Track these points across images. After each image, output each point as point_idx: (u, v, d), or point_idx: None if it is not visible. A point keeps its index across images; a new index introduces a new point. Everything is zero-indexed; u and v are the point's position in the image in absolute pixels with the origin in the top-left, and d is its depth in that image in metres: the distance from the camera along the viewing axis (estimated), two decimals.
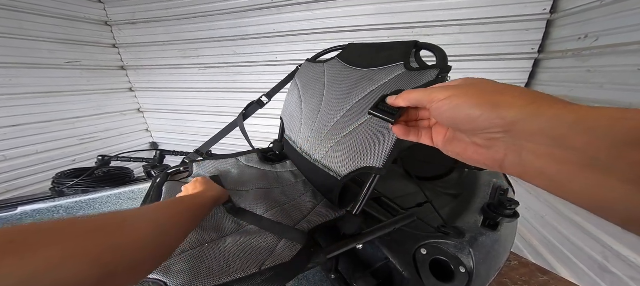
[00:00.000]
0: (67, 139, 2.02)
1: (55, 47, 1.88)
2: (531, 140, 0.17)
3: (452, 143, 0.24)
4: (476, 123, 0.19)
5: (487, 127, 0.19)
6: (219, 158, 0.71)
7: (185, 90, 2.29)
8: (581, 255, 0.89)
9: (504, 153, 0.19)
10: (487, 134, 0.19)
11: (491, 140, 0.19)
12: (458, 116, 0.20)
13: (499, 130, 0.18)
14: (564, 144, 0.15)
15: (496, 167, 0.20)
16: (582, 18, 1.03)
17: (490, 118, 0.18)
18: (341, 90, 0.56)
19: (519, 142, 0.17)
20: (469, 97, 0.20)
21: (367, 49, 0.59)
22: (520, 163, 0.18)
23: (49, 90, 1.88)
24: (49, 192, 0.70)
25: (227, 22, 1.90)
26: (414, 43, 0.50)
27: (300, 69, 0.75)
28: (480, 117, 0.19)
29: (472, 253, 0.34)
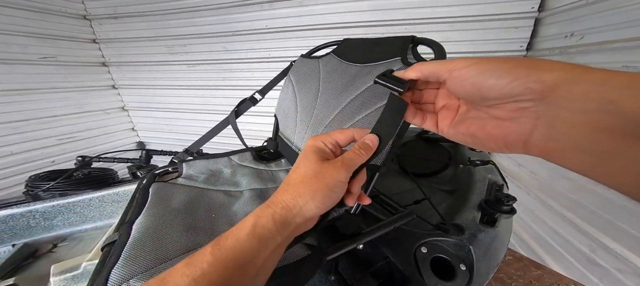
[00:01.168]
0: (44, 139, 1.90)
1: (27, 42, 1.75)
2: (572, 106, 0.15)
3: (463, 124, 0.22)
4: (506, 88, 0.17)
5: (519, 93, 0.16)
6: (210, 157, 0.68)
7: (174, 88, 2.20)
8: (570, 248, 0.93)
9: (533, 124, 0.17)
10: (516, 103, 0.17)
11: (519, 109, 0.17)
12: (485, 82, 0.18)
13: (533, 96, 0.16)
14: (613, 109, 0.13)
15: (519, 144, 0.18)
16: (569, 16, 1.06)
17: (525, 82, 0.16)
18: (337, 86, 0.55)
19: (554, 110, 0.15)
20: (498, 63, 0.18)
21: (363, 44, 0.58)
22: (552, 136, 0.16)
23: (22, 88, 1.75)
24: (23, 195, 0.65)
25: (216, 18, 1.84)
26: (411, 38, 0.49)
27: (294, 65, 0.73)
28: (512, 81, 0.16)
29: (472, 250, 0.34)
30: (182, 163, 0.63)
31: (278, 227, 0.23)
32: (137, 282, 0.31)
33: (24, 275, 0.56)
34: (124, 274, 0.32)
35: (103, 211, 0.69)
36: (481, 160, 0.62)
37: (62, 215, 0.64)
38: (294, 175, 0.25)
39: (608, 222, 0.80)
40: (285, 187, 0.25)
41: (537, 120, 0.16)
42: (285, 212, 0.23)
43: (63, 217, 0.64)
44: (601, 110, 0.14)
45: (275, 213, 0.23)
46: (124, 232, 0.39)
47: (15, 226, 0.60)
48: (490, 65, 0.18)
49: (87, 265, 0.51)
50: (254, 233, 0.22)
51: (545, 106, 0.16)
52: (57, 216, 0.63)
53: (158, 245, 0.37)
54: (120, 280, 0.31)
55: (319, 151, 0.26)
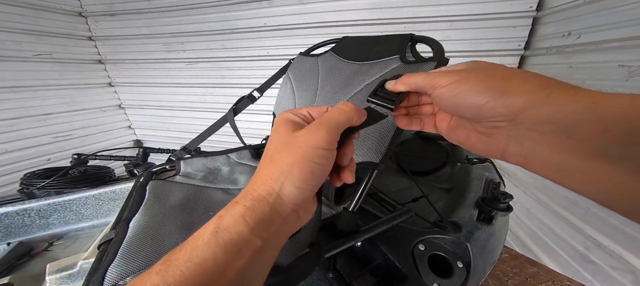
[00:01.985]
0: (40, 137, 1.87)
1: (22, 39, 1.72)
2: (537, 128, 0.16)
3: (456, 131, 0.23)
4: (480, 111, 0.18)
5: (490, 116, 0.18)
6: (208, 155, 0.68)
7: (171, 86, 2.19)
8: (564, 246, 0.94)
9: (506, 142, 0.18)
10: (489, 122, 0.18)
11: (493, 128, 0.19)
12: (461, 104, 0.19)
13: (502, 118, 0.17)
14: (573, 132, 0.14)
15: (498, 156, 0.20)
16: (566, 16, 1.06)
17: (495, 106, 0.17)
18: (336, 84, 0.55)
19: (522, 130, 0.17)
20: (474, 83, 0.18)
21: (362, 42, 0.59)
22: (522, 153, 0.17)
23: (16, 85, 1.73)
24: (18, 193, 0.64)
25: (214, 16, 1.82)
26: (410, 36, 0.49)
27: (293, 63, 0.73)
28: (484, 104, 0.18)
29: (469, 247, 0.35)
30: (180, 161, 0.63)
31: (253, 227, 0.17)
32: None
33: (19, 274, 0.56)
34: (121, 272, 0.32)
35: (99, 209, 0.69)
36: (478, 158, 0.63)
37: (58, 214, 0.63)
38: (263, 158, 0.21)
39: (602, 220, 0.81)
40: (256, 175, 0.20)
41: (509, 138, 0.18)
42: (260, 204, 0.18)
43: (59, 215, 0.64)
44: (563, 133, 0.15)
45: (245, 209, 0.18)
46: (121, 230, 0.38)
47: (10, 225, 0.60)
48: (467, 86, 0.19)
49: (84, 264, 0.51)
50: (217, 240, 0.16)
51: (514, 126, 0.17)
52: (52, 214, 0.63)
53: (155, 244, 0.36)
54: (117, 278, 0.31)
55: (289, 122, 0.21)
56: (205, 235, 0.17)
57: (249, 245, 0.17)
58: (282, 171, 0.18)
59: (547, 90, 0.16)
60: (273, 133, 0.21)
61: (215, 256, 0.16)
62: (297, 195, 0.19)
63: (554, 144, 0.15)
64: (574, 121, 0.14)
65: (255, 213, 0.18)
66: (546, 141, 0.16)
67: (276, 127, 0.21)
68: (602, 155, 0.14)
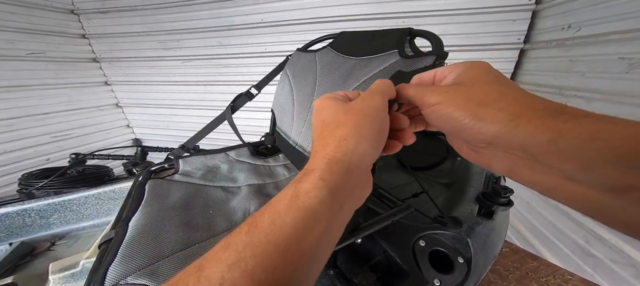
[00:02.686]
0: (38, 137, 1.85)
1: (14, 37, 1.68)
2: (512, 152, 0.17)
3: (450, 139, 0.24)
4: (463, 133, 0.19)
5: (471, 139, 0.19)
6: (207, 153, 0.67)
7: (168, 84, 2.16)
8: (565, 240, 0.94)
9: (489, 158, 0.20)
10: (475, 142, 0.19)
11: (478, 147, 0.20)
12: (446, 125, 0.20)
13: (481, 141, 0.19)
14: (541, 160, 0.16)
15: (486, 167, 0.21)
16: (566, 8, 1.05)
17: (472, 132, 0.18)
18: (334, 79, 0.55)
19: (500, 152, 0.18)
20: (456, 106, 0.19)
21: (359, 37, 0.58)
22: (505, 169, 0.19)
23: (11, 85, 1.70)
24: (17, 194, 0.64)
25: (210, 12, 1.79)
26: (408, 30, 0.49)
27: (291, 59, 0.72)
28: (464, 128, 0.19)
29: (469, 243, 0.35)
30: (179, 160, 0.63)
31: (333, 190, 0.17)
32: (135, 280, 0.31)
33: (22, 274, 0.56)
34: (121, 272, 0.32)
35: (100, 208, 0.68)
36: None
37: (59, 213, 0.63)
38: (323, 128, 0.20)
39: None
40: (318, 141, 0.20)
41: (491, 156, 0.19)
42: (337, 167, 0.18)
43: (59, 215, 0.64)
44: (533, 160, 0.16)
45: (323, 172, 0.17)
46: (121, 230, 0.38)
47: (11, 225, 0.60)
48: (450, 109, 0.19)
49: (86, 263, 0.51)
50: (297, 205, 0.16)
51: (493, 148, 0.18)
52: (53, 214, 0.62)
53: (155, 242, 0.36)
54: (118, 277, 0.31)
55: (335, 98, 0.22)
56: (285, 199, 0.17)
57: (328, 211, 0.17)
58: (355, 130, 0.19)
59: (516, 121, 0.16)
60: (320, 110, 0.22)
61: (295, 222, 0.16)
62: (372, 153, 0.19)
63: (529, 166, 0.17)
64: (539, 151, 0.16)
65: (333, 176, 0.17)
66: (522, 163, 0.17)
67: (322, 103, 0.22)
68: (571, 179, 0.15)
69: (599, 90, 0.87)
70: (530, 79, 1.27)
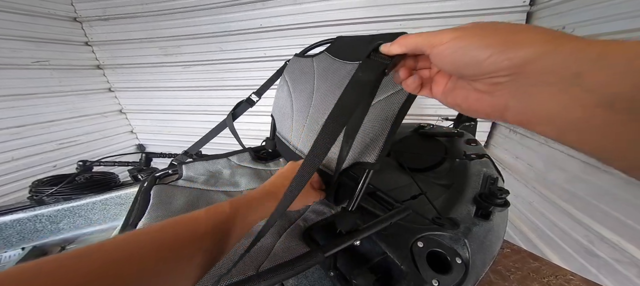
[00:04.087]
0: (44, 144, 1.89)
1: (19, 46, 1.72)
2: (544, 80, 0.15)
3: (452, 93, 0.22)
4: (481, 66, 0.17)
5: (493, 71, 0.17)
6: (209, 158, 0.68)
7: (170, 90, 2.19)
8: (568, 239, 0.93)
9: (506, 99, 0.18)
10: (491, 78, 0.18)
11: (494, 84, 0.18)
12: (462, 59, 0.18)
13: (505, 73, 0.17)
14: (582, 82, 0.14)
15: (497, 115, 0.19)
16: (560, 10, 1.06)
17: (497, 60, 0.16)
18: (331, 84, 0.55)
19: (525, 86, 0.16)
20: (477, 38, 0.18)
21: (356, 42, 0.58)
22: (525, 110, 0.17)
23: (17, 93, 1.74)
24: (28, 200, 0.66)
25: (209, 18, 1.82)
26: (404, 34, 0.49)
27: (289, 64, 0.73)
28: (487, 58, 0.17)
29: (467, 243, 0.35)
30: (182, 165, 0.64)
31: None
32: None
33: None
34: None
35: (107, 214, 0.70)
36: (476, 153, 0.63)
37: (68, 219, 0.65)
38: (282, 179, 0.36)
39: (604, 212, 0.81)
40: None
41: (510, 95, 0.17)
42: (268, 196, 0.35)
43: (69, 220, 0.65)
44: (571, 84, 0.14)
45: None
46: None
47: (23, 231, 0.61)
48: (467, 41, 0.18)
49: None
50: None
51: (516, 81, 0.16)
52: (62, 219, 0.64)
53: None
54: None
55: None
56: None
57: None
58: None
59: (557, 41, 0.15)
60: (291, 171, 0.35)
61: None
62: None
63: (559, 97, 0.15)
64: (582, 70, 0.13)
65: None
66: (551, 94, 0.15)
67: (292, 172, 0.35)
68: (612, 107, 0.13)
69: None
70: None
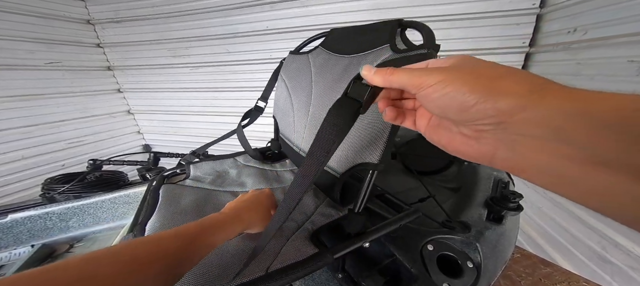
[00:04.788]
0: (54, 143, 1.93)
1: (34, 47, 1.77)
2: (529, 132, 0.15)
3: (436, 131, 0.22)
4: (468, 112, 0.17)
5: (478, 118, 0.17)
6: (216, 158, 0.69)
7: (177, 90, 2.23)
8: (580, 246, 0.91)
9: (494, 146, 0.17)
10: (476, 125, 0.17)
11: (480, 131, 0.17)
12: (449, 104, 0.18)
13: (491, 121, 0.16)
14: (566, 138, 0.13)
15: (485, 161, 0.18)
16: (571, 11, 1.05)
17: (483, 107, 0.16)
18: (329, 80, 0.53)
19: (513, 135, 0.16)
20: (462, 82, 0.17)
21: (350, 34, 0.55)
22: (513, 158, 0.16)
23: (30, 93, 1.79)
24: (39, 198, 0.67)
25: (217, 20, 1.86)
26: (398, 21, 0.45)
27: (285, 63, 0.71)
28: (473, 105, 0.16)
29: (479, 247, 0.35)
30: (190, 165, 0.65)
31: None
32: None
33: None
34: None
35: (115, 212, 0.71)
36: None
37: (77, 217, 0.66)
38: (262, 205, 0.39)
39: None
40: (255, 212, 0.38)
41: (498, 142, 0.17)
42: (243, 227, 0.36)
43: (78, 219, 0.66)
44: (556, 139, 0.14)
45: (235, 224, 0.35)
46: (138, 232, 0.40)
47: (33, 228, 0.62)
48: (452, 87, 0.18)
49: None
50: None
51: (503, 130, 0.16)
52: (72, 217, 0.65)
53: None
54: None
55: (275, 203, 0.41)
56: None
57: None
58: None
59: (540, 92, 0.14)
60: (259, 199, 0.40)
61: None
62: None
63: (546, 150, 0.14)
64: (565, 126, 0.13)
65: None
66: (539, 147, 0.15)
67: (266, 198, 0.42)
68: (599, 163, 0.12)
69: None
70: None
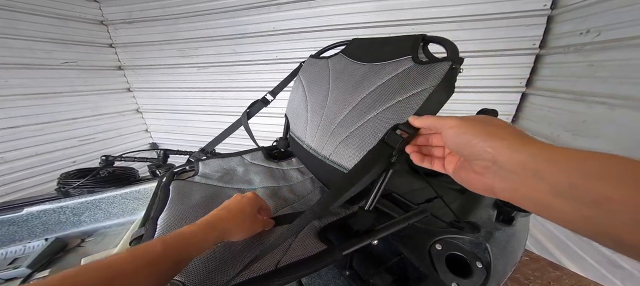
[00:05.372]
0: (67, 140, 1.99)
1: (51, 47, 1.85)
2: (514, 170, 0.20)
3: (460, 172, 0.28)
4: (474, 149, 0.23)
5: (480, 154, 0.23)
6: (223, 156, 0.70)
7: (185, 90, 2.27)
8: (589, 250, 0.89)
9: (493, 180, 0.23)
10: (481, 162, 0.23)
11: (484, 167, 0.23)
12: (461, 142, 0.25)
13: (489, 158, 0.22)
14: (538, 175, 0.19)
15: (490, 193, 0.24)
16: (583, 13, 1.03)
17: (483, 146, 0.23)
18: (347, 85, 0.55)
19: (504, 172, 0.21)
20: (471, 127, 0.24)
21: (372, 44, 0.58)
22: (507, 189, 0.22)
23: (46, 91, 1.85)
24: (55, 192, 0.70)
25: (225, 21, 1.88)
26: (422, 36, 0.48)
27: (304, 66, 0.74)
28: (477, 144, 0.23)
29: (488, 248, 0.34)
30: (198, 162, 0.66)
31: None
32: None
33: (57, 268, 0.60)
34: None
35: (125, 208, 0.73)
36: None
37: (89, 211, 0.68)
38: (242, 211, 0.37)
39: None
40: (232, 218, 0.36)
41: (495, 177, 0.22)
42: (217, 237, 0.34)
43: (90, 213, 0.68)
44: (533, 177, 0.19)
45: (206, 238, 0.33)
46: (150, 227, 0.41)
47: (48, 222, 0.65)
48: (466, 129, 0.25)
49: None
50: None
51: (498, 167, 0.22)
52: (84, 212, 0.67)
53: None
54: None
55: (259, 205, 0.40)
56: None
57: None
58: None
59: (521, 142, 0.21)
60: (240, 205, 0.38)
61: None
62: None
63: (528, 184, 0.20)
64: (537, 167, 0.19)
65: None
66: (521, 182, 0.20)
67: (254, 201, 0.39)
68: (560, 195, 0.18)
69: (623, 96, 0.84)
70: (547, 85, 1.23)
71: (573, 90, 1.03)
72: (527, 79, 1.35)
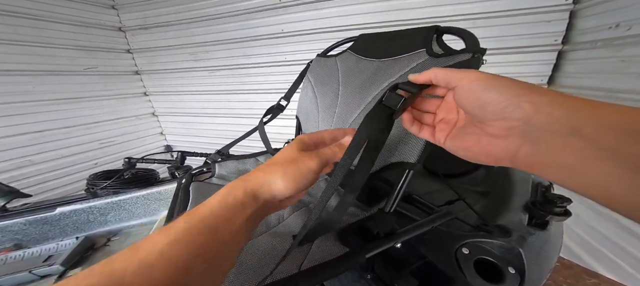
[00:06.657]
0: (88, 143, 2.09)
1: (74, 54, 1.95)
2: (550, 128, 0.17)
3: (459, 138, 0.24)
4: (503, 104, 0.19)
5: (509, 112, 0.19)
6: (238, 158, 0.71)
7: (196, 93, 2.33)
8: (626, 257, 0.83)
9: (519, 143, 0.19)
10: (505, 122, 0.20)
11: (509, 128, 0.20)
12: (487, 97, 0.20)
13: (522, 115, 0.19)
14: (580, 133, 0.16)
15: (506, 160, 0.21)
16: (610, 7, 0.97)
17: (520, 100, 0.19)
18: (357, 84, 0.53)
19: (537, 131, 0.18)
20: (502, 80, 0.20)
21: (381, 39, 0.55)
22: (534, 153, 0.19)
23: (70, 97, 1.96)
24: (84, 192, 0.74)
25: (235, 24, 1.92)
26: (435, 27, 0.44)
27: (312, 65, 0.72)
28: (510, 98, 0.19)
29: (522, 253, 0.33)
30: (215, 164, 0.67)
31: (248, 198, 0.24)
32: None
33: (87, 266, 0.63)
34: None
35: (147, 208, 0.75)
36: None
37: (114, 211, 0.71)
38: (275, 158, 0.28)
39: None
40: (265, 166, 0.27)
41: (523, 139, 0.19)
42: (256, 185, 0.25)
43: (115, 213, 0.71)
44: (570, 134, 0.17)
45: (246, 185, 0.25)
46: None
47: (78, 221, 0.68)
48: (495, 82, 0.21)
49: None
50: (226, 202, 0.23)
51: (530, 126, 0.18)
52: (110, 212, 0.70)
53: None
54: None
55: (301, 142, 0.29)
56: (219, 197, 0.24)
57: (244, 211, 0.24)
58: (281, 172, 0.25)
59: (563, 97, 0.18)
60: (288, 146, 0.29)
61: (223, 213, 0.23)
62: (281, 189, 0.25)
63: (562, 145, 0.17)
64: (580, 123, 0.16)
65: (252, 191, 0.25)
66: (556, 142, 0.17)
67: (292, 143, 0.29)
68: (602, 156, 0.15)
69: None
70: (571, 82, 1.17)
71: (602, 87, 0.97)
72: (549, 76, 1.29)
